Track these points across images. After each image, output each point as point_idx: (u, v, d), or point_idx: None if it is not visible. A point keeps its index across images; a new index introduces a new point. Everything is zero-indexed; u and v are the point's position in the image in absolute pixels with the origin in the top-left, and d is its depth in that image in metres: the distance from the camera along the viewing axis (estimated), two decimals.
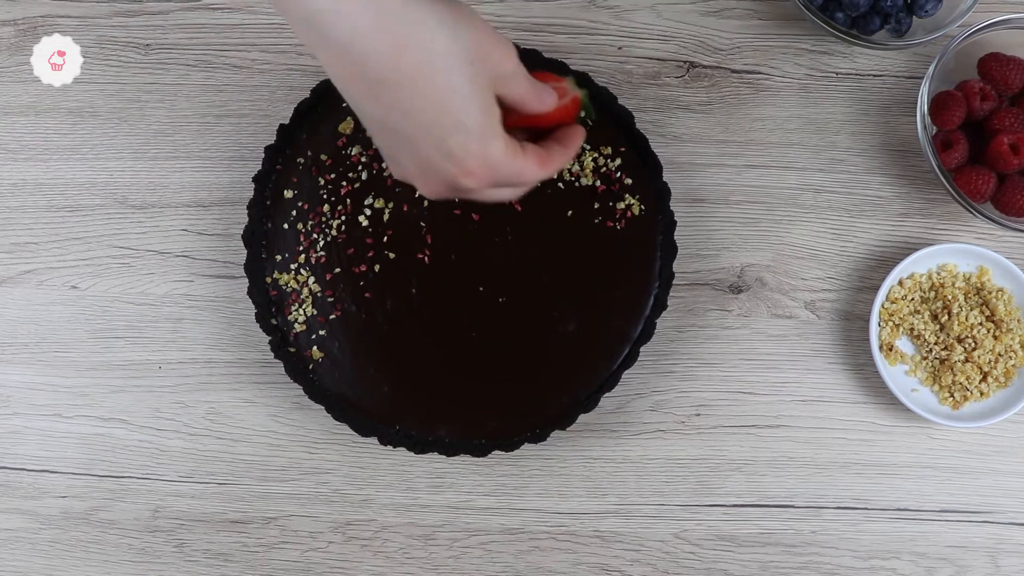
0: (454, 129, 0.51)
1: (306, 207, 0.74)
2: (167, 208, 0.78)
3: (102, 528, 0.75)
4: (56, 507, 0.76)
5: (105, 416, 0.76)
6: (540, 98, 0.57)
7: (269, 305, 0.73)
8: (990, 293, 0.74)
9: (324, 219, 0.74)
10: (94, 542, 0.75)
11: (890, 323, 0.75)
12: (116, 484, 0.76)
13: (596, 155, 0.74)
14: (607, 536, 0.75)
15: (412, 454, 0.72)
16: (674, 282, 0.73)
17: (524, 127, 0.62)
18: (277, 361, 0.72)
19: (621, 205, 0.74)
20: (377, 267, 0.73)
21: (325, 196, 0.74)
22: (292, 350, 0.73)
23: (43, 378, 0.76)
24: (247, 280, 0.73)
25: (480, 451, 0.71)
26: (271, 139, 0.75)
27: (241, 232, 0.73)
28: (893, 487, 0.75)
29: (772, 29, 0.79)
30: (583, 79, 0.73)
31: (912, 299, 0.75)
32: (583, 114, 0.62)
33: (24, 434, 0.76)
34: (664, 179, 0.73)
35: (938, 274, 0.76)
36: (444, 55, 0.50)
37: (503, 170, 0.53)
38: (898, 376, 0.75)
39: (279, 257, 0.74)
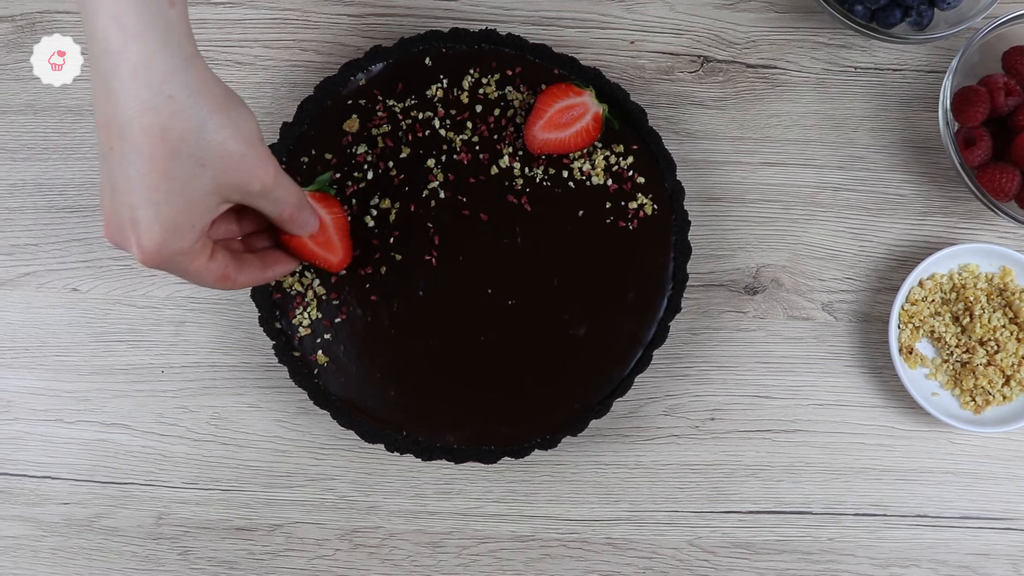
0: (150, 205, 0.52)
1: None
2: None
3: (105, 535, 0.74)
4: (58, 514, 0.74)
5: (107, 421, 0.75)
6: (300, 224, 0.62)
7: (273, 308, 0.71)
8: (1013, 294, 0.72)
9: None
10: (97, 550, 0.74)
11: (910, 325, 0.73)
12: (119, 491, 0.74)
13: (608, 153, 0.72)
14: (620, 543, 0.73)
15: (420, 460, 0.71)
16: (688, 283, 0.71)
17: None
18: (282, 365, 0.70)
19: (633, 205, 0.72)
20: (383, 269, 0.72)
21: None
22: (297, 354, 0.71)
23: (44, 383, 0.75)
24: None
25: (489, 458, 0.70)
26: (274, 137, 0.73)
27: None
28: (913, 493, 0.73)
29: (788, 22, 0.77)
30: (593, 76, 0.71)
31: (933, 300, 0.73)
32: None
33: (25, 440, 0.75)
34: (678, 177, 0.72)
35: (960, 275, 0.73)
36: (177, 140, 0.52)
37: (176, 265, 0.55)
38: (918, 380, 0.73)
39: None
